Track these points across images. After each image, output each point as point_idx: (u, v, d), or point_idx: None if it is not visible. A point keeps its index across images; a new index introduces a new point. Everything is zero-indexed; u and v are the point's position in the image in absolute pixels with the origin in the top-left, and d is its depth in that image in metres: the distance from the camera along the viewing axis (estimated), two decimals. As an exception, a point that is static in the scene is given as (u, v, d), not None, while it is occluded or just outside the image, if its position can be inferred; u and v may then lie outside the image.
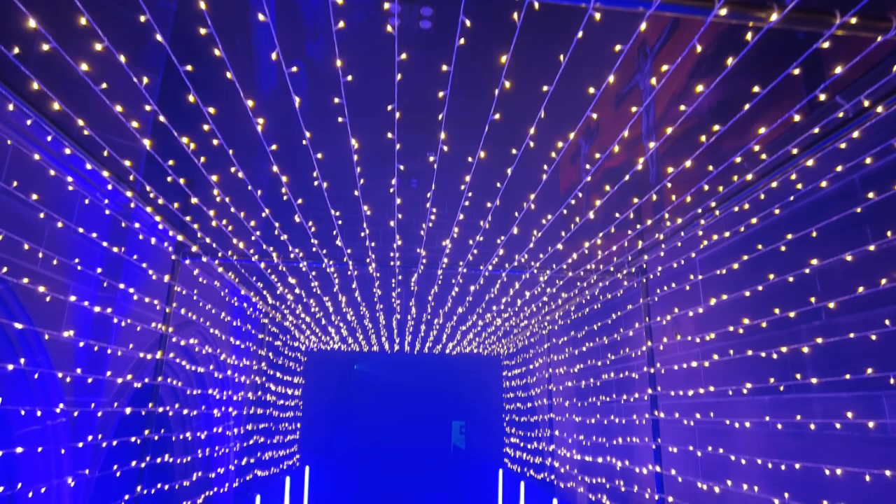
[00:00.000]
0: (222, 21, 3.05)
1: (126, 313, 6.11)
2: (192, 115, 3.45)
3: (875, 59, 3.00)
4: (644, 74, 7.71)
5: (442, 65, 2.88)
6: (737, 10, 2.51)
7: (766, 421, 4.74)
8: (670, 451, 6.24)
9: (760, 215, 4.73)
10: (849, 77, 3.21)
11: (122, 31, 4.58)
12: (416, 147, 13.29)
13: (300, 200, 4.64)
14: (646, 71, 7.63)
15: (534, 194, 4.35)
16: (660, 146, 5.09)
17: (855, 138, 3.57)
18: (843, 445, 4.05)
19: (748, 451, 4.97)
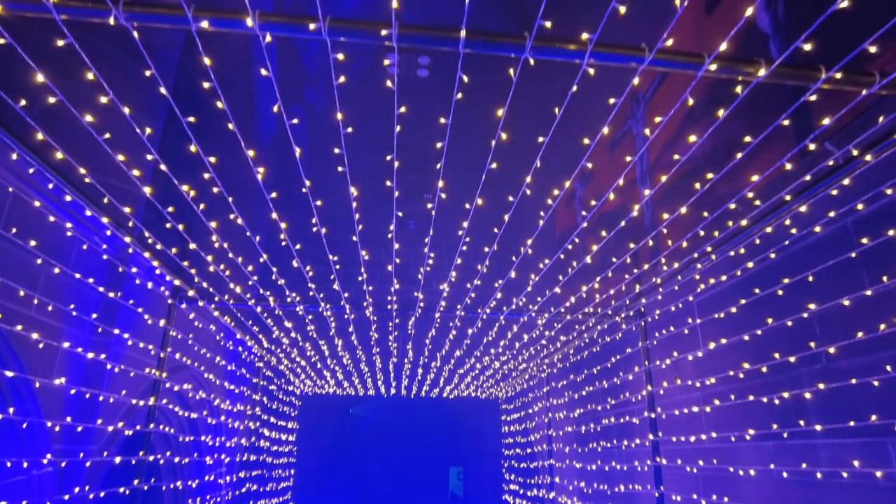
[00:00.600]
0: (223, 68, 3.13)
1: (120, 358, 6.02)
2: (192, 164, 3.50)
3: (861, 108, 3.08)
4: (637, 120, 7.88)
5: (440, 117, 2.94)
6: (726, 65, 2.59)
7: (771, 468, 4.64)
8: (673, 500, 6.08)
9: (756, 259, 4.75)
10: (837, 126, 3.29)
11: (127, 82, 4.68)
12: (413, 189, 13.43)
13: (298, 246, 4.65)
14: (639, 116, 7.80)
15: (531, 239, 4.37)
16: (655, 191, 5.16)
17: (846, 185, 3.63)
18: (850, 494, 3.96)
19: (754, 499, 4.85)
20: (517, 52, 2.49)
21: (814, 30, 2.41)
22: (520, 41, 2.46)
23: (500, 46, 2.49)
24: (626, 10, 2.22)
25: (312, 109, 14.15)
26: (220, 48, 8.11)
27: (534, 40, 2.44)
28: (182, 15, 2.35)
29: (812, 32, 2.43)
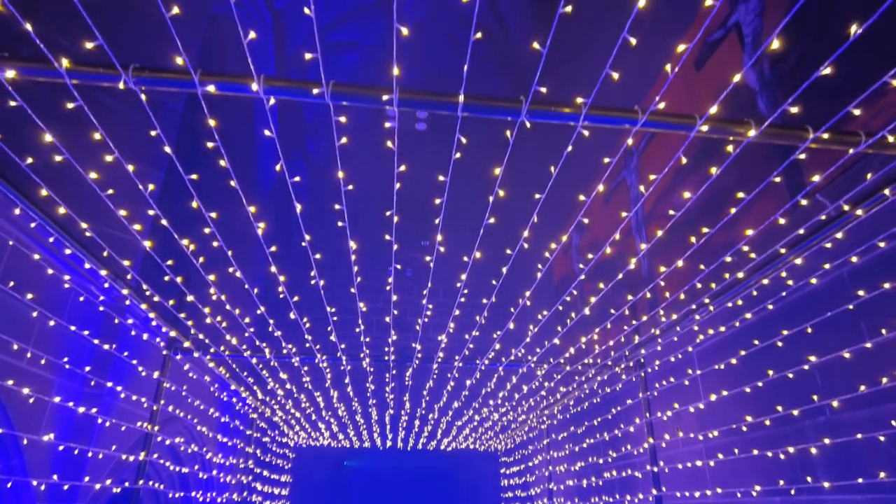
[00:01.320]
0: (226, 119, 3.20)
1: (111, 411, 5.90)
2: (193, 218, 3.53)
3: (849, 164, 3.16)
4: (630, 171, 8.03)
5: (438, 174, 3.00)
6: (717, 126, 2.67)
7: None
8: (681, 561, 5.87)
9: (755, 310, 4.76)
10: (827, 182, 3.37)
11: (130, 135, 4.78)
12: (411, 236, 13.53)
13: (296, 298, 4.64)
14: (632, 167, 7.95)
15: (529, 291, 4.38)
16: (651, 245, 5.21)
17: (839, 238, 3.67)
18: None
19: (763, 561, 4.68)
20: (514, 115, 2.56)
21: (800, 93, 2.50)
22: (516, 105, 2.54)
23: (497, 110, 2.57)
24: (619, 76, 2.31)
25: (312, 158, 14.39)
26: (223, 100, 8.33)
27: (530, 104, 2.52)
28: (189, 79, 2.43)
29: (798, 94, 2.51)
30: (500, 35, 11.97)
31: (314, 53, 2.31)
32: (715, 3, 2.03)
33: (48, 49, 2.32)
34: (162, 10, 2.17)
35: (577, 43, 7.74)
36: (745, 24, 5.85)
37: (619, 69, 2.42)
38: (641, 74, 6.43)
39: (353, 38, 12.84)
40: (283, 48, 11.86)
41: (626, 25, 2.14)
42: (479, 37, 2.22)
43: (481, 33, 2.06)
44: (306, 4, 1.89)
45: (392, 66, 2.37)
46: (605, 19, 7.08)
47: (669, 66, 2.33)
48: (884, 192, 3.28)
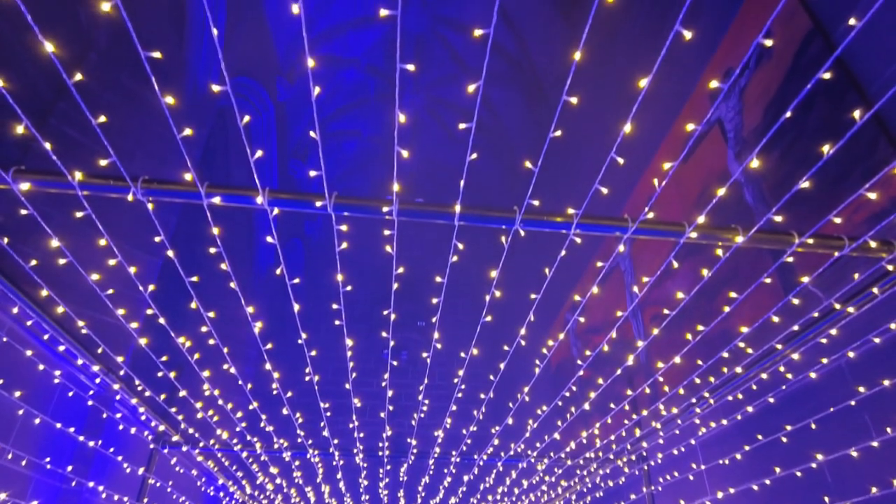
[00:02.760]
0: (227, 225, 3.27)
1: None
2: (190, 316, 3.54)
3: (838, 264, 3.23)
4: (623, 257, 8.15)
5: (436, 276, 3.05)
6: (705, 233, 2.76)
7: None
8: None
9: (756, 403, 4.69)
10: (817, 280, 3.43)
11: (134, 238, 4.87)
12: (407, 317, 13.47)
13: (290, 393, 4.56)
14: (625, 254, 8.08)
15: (527, 387, 4.32)
16: (647, 341, 5.20)
17: (834, 335, 3.69)
18: None
19: None
20: (508, 224, 2.65)
21: (782, 204, 2.61)
22: (510, 215, 2.63)
23: (492, 220, 2.66)
24: (608, 190, 2.42)
25: (310, 241, 14.58)
26: (241, 250, 8.55)
27: (523, 214, 2.61)
28: (196, 191, 2.52)
29: (780, 205, 2.62)
30: (493, 124, 12.53)
31: (316, 136, 2.42)
32: (698, 127, 2.16)
33: (60, 159, 2.43)
34: (173, 130, 2.29)
35: (567, 154, 8.11)
36: (726, 121, 6.18)
37: (607, 176, 2.53)
38: (627, 176, 6.69)
39: (355, 128, 13.40)
40: (284, 136, 12.34)
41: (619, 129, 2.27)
42: (474, 131, 2.34)
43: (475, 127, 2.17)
44: (309, 96, 2.00)
45: (393, 166, 2.47)
46: (594, 133, 7.45)
47: (656, 181, 2.45)
48: (872, 290, 3.34)
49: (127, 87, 6.35)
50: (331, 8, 11.43)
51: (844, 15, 4.31)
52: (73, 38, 5.99)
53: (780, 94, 4.95)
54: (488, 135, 12.58)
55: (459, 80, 11.85)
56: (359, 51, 12.25)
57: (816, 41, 4.58)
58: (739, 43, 5.87)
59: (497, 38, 10.97)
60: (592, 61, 4.00)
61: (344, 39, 12.05)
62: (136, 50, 1.93)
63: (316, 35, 11.79)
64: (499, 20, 10.57)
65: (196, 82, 8.58)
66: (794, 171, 4.79)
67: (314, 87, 2.05)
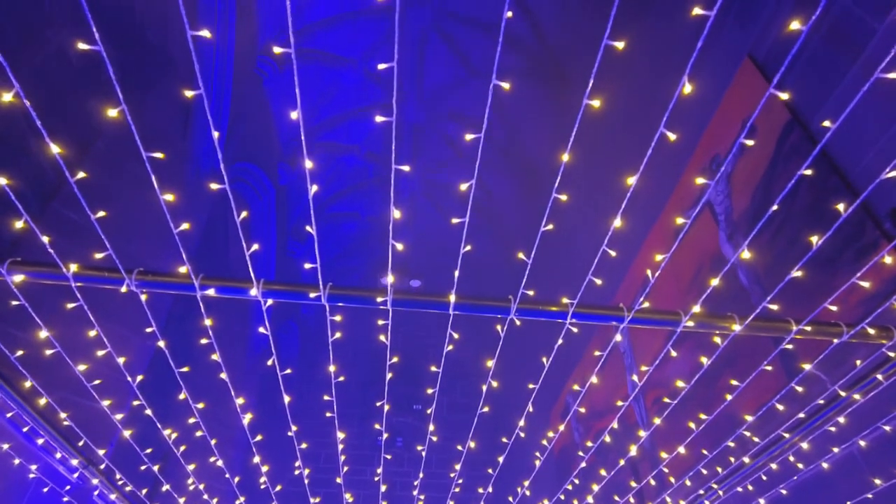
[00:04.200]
0: (219, 316, 3.24)
1: None
2: (178, 407, 3.43)
3: (840, 351, 3.19)
4: (622, 339, 8.07)
5: (431, 366, 2.99)
6: (702, 321, 2.75)
7: None
8: None
9: (767, 495, 4.48)
10: (820, 368, 3.38)
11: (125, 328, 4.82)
12: (402, 400, 13.11)
13: (279, 487, 4.34)
14: (624, 336, 8.00)
15: (528, 480, 4.13)
16: (650, 430, 5.05)
17: (842, 423, 3.59)
18: None
19: None
20: (503, 313, 2.64)
21: (776, 293, 2.62)
22: (505, 304, 2.63)
23: (486, 309, 2.65)
24: (602, 282, 2.42)
25: (306, 323, 14.46)
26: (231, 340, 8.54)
27: (518, 303, 2.61)
28: (190, 283, 2.52)
29: (775, 294, 2.63)
30: (489, 206, 12.81)
31: (312, 228, 2.43)
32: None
33: (56, 248, 2.44)
34: (170, 225, 2.33)
35: (560, 244, 8.26)
36: (716, 204, 6.32)
37: (600, 266, 2.55)
38: (619, 264, 6.76)
39: (353, 210, 13.66)
40: (284, 219, 12.54)
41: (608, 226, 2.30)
42: (468, 221, 2.37)
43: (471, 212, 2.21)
44: (308, 181, 2.04)
45: (389, 248, 2.48)
46: (587, 225, 7.63)
47: (650, 272, 2.46)
48: (876, 377, 3.28)
49: (131, 175, 6.52)
50: (334, 97, 11.97)
51: (821, 106, 4.53)
52: (81, 125, 6.21)
53: (766, 180, 5.10)
54: (486, 219, 12.82)
55: (456, 166, 12.24)
56: (359, 138, 12.72)
57: (796, 130, 4.78)
58: (722, 132, 6.12)
59: (492, 132, 11.42)
60: (583, 159, 4.15)
61: (345, 127, 12.55)
62: (139, 144, 2.00)
63: (318, 123, 12.28)
64: (494, 114, 11.08)
65: (199, 171, 8.84)
66: (785, 252, 4.84)
67: (310, 183, 2.10)
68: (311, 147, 13.63)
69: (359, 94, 11.94)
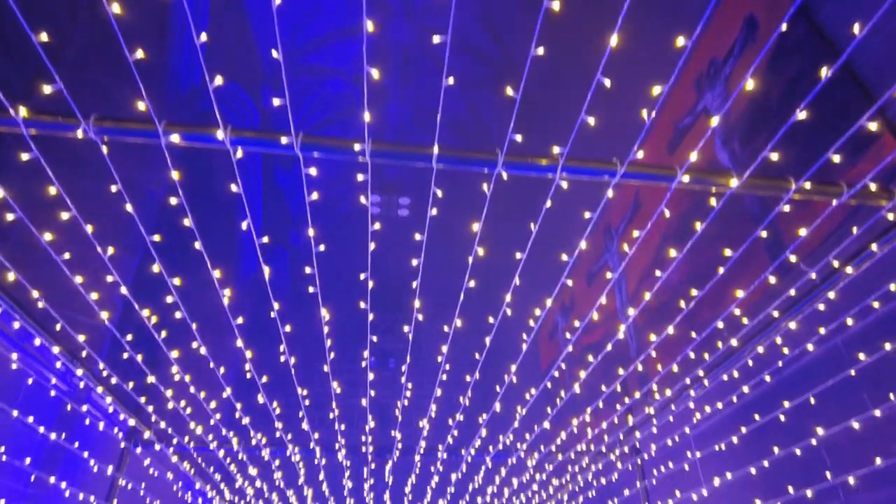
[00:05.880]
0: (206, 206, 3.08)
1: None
2: (155, 286, 3.33)
3: (836, 220, 3.11)
4: (612, 254, 8.02)
5: (415, 233, 2.87)
6: (698, 177, 2.61)
7: None
8: None
9: (751, 383, 4.52)
10: (815, 237, 3.30)
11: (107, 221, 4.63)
12: (393, 326, 13.16)
13: (265, 378, 4.32)
14: (613, 251, 7.95)
15: (515, 365, 4.13)
16: (639, 317, 5.04)
17: (832, 300, 3.55)
18: None
19: None
20: (490, 167, 2.49)
21: (780, 142, 2.47)
22: (492, 157, 2.47)
23: (472, 161, 2.49)
24: (596, 122, 2.26)
25: (295, 251, 14.33)
26: (204, 191, 8.29)
27: (505, 156, 2.45)
28: (153, 129, 2.33)
29: (780, 142, 2.48)
30: (496, 53, 12.04)
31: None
32: (687, 44, 2.02)
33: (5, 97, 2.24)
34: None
35: (552, 95, 7.89)
36: (712, 109, 6.09)
37: (597, 121, 2.38)
38: (621, 129, 6.57)
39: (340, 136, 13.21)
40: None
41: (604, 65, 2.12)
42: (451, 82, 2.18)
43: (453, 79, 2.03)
44: (292, 104, 1.86)
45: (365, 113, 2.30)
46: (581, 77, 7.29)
47: (645, 112, 2.30)
48: (871, 248, 3.20)
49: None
50: (318, 18, 11.24)
51: None
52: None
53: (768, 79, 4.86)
54: (492, 68, 11.94)
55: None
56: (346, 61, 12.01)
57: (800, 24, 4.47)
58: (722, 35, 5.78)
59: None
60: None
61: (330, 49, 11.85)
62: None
63: (302, 44, 11.63)
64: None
65: (178, 85, 8.43)
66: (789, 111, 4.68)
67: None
68: (294, 70, 12.98)
69: (343, 14, 11.27)
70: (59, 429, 4.87)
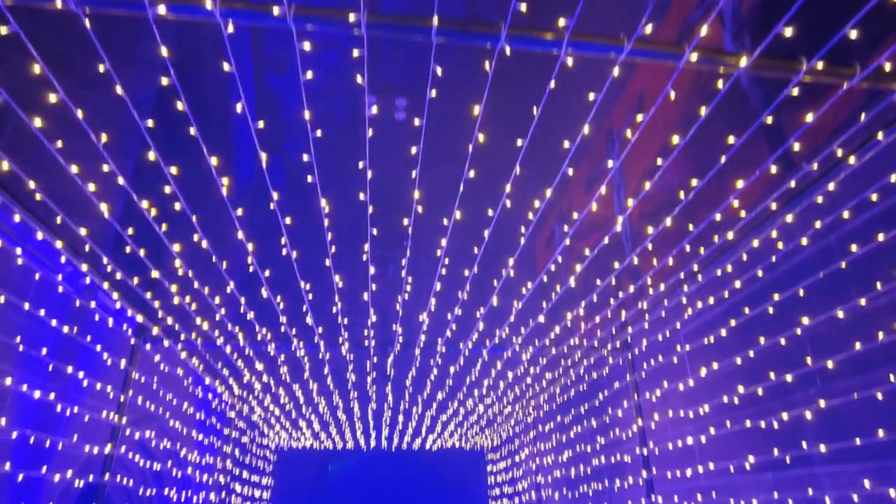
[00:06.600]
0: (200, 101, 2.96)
1: (76, 404, 5.58)
2: (153, 177, 3.30)
3: (845, 107, 3.04)
4: (613, 157, 7.92)
5: (415, 118, 2.81)
6: (707, 55, 2.52)
7: (773, 498, 4.37)
8: (672, 543, 5.71)
9: (744, 278, 4.63)
10: (820, 123, 3.25)
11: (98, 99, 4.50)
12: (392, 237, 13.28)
13: (267, 272, 4.41)
14: (614, 155, 7.84)
15: (512, 258, 4.20)
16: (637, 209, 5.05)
17: (832, 191, 3.56)
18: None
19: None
20: (492, 41, 2.39)
21: (793, 17, 2.36)
22: (494, 30, 2.37)
23: (474, 35, 2.39)
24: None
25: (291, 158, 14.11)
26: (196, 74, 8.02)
27: (509, 28, 2.35)
28: (138, 0, 2.21)
29: (792, 20, 2.37)
30: None
31: None
32: None
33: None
34: None
35: None
36: None
37: None
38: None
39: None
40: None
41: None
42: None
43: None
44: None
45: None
46: None
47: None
48: (877, 137, 3.17)
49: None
50: None
51: None
52: None
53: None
54: None
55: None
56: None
57: None
58: None
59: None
60: None
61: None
62: None
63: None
64: None
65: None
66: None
67: None
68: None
69: None
70: (70, 324, 5.02)
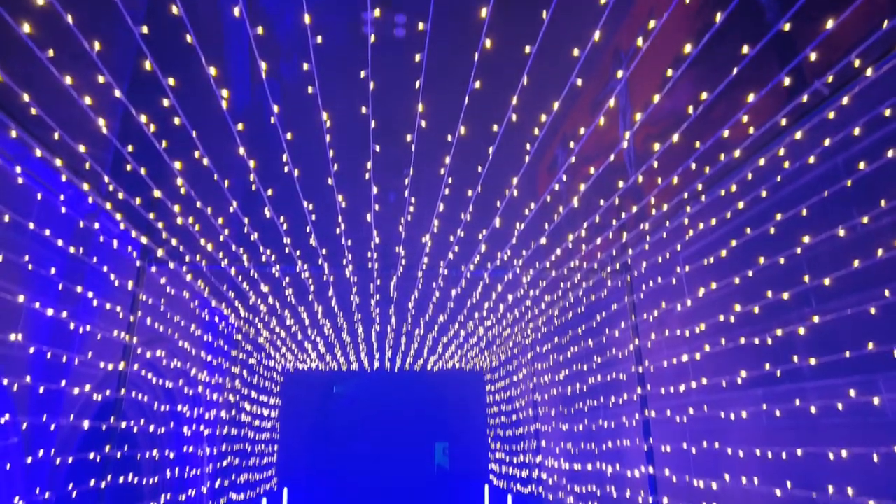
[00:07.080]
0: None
1: (87, 334, 5.72)
2: (150, 89, 3.22)
3: (865, 14, 2.92)
4: (619, 81, 7.69)
5: (419, 23, 2.71)
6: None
7: (762, 410, 4.58)
8: (662, 451, 6.03)
9: (747, 199, 4.62)
10: (839, 36, 3.14)
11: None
12: (393, 163, 13.11)
13: (270, 191, 4.39)
14: (623, 67, 7.60)
15: (516, 178, 4.18)
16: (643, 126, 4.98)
17: (844, 105, 3.48)
18: (843, 431, 3.90)
19: (744, 444, 4.79)
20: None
21: None
22: (505, -78, 2.23)
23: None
24: None
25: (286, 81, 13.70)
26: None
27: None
28: None
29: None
30: None
31: None
32: None
33: None
34: None
35: None
36: None
37: None
38: None
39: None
40: None
41: None
42: None
43: None
44: None
45: None
46: None
47: None
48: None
49: None
50: None
51: None
52: None
53: None
54: None
55: None
56: None
57: None
58: None
59: None
60: None
61: None
62: None
63: None
64: None
65: None
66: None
67: None
68: None
69: None
70: (75, 245, 5.06)
